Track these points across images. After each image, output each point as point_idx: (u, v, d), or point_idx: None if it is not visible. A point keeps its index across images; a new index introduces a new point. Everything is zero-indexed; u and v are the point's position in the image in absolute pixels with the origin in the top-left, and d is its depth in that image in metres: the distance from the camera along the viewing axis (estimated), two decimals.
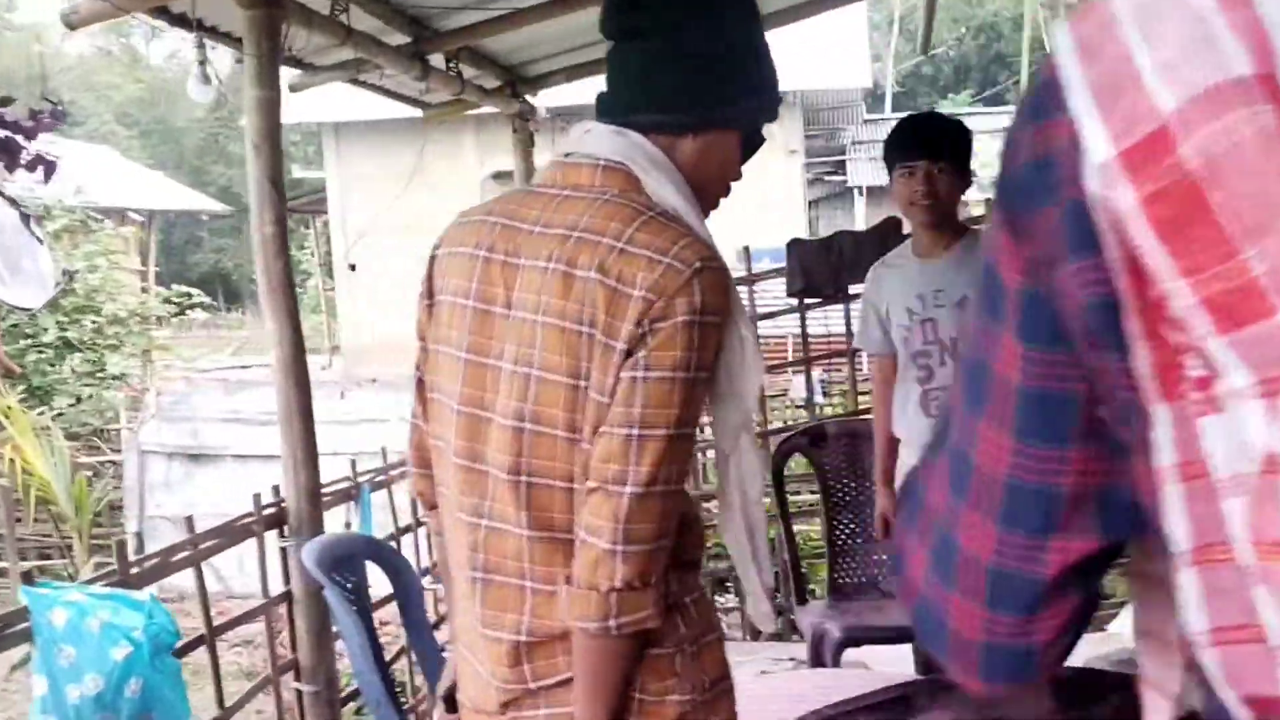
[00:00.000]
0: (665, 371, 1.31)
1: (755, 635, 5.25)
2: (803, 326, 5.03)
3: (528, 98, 5.05)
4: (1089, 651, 3.99)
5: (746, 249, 5.12)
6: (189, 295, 14.90)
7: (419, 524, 3.70)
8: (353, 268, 15.76)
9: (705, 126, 1.44)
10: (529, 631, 1.41)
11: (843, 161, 19.34)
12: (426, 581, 3.52)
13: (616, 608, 1.31)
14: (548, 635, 1.40)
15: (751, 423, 1.55)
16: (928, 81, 31.55)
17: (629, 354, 1.31)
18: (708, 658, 1.45)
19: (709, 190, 1.49)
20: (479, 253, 1.44)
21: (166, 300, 14.27)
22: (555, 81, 5.00)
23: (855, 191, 17.73)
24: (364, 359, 14.45)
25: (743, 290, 5.19)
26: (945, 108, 22.86)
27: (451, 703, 1.61)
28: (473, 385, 1.43)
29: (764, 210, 16.10)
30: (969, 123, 2.83)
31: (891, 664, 3.39)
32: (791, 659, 4.71)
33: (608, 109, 1.47)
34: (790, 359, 7.15)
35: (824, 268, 4.69)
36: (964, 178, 2.71)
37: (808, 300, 4.93)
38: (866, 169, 19.09)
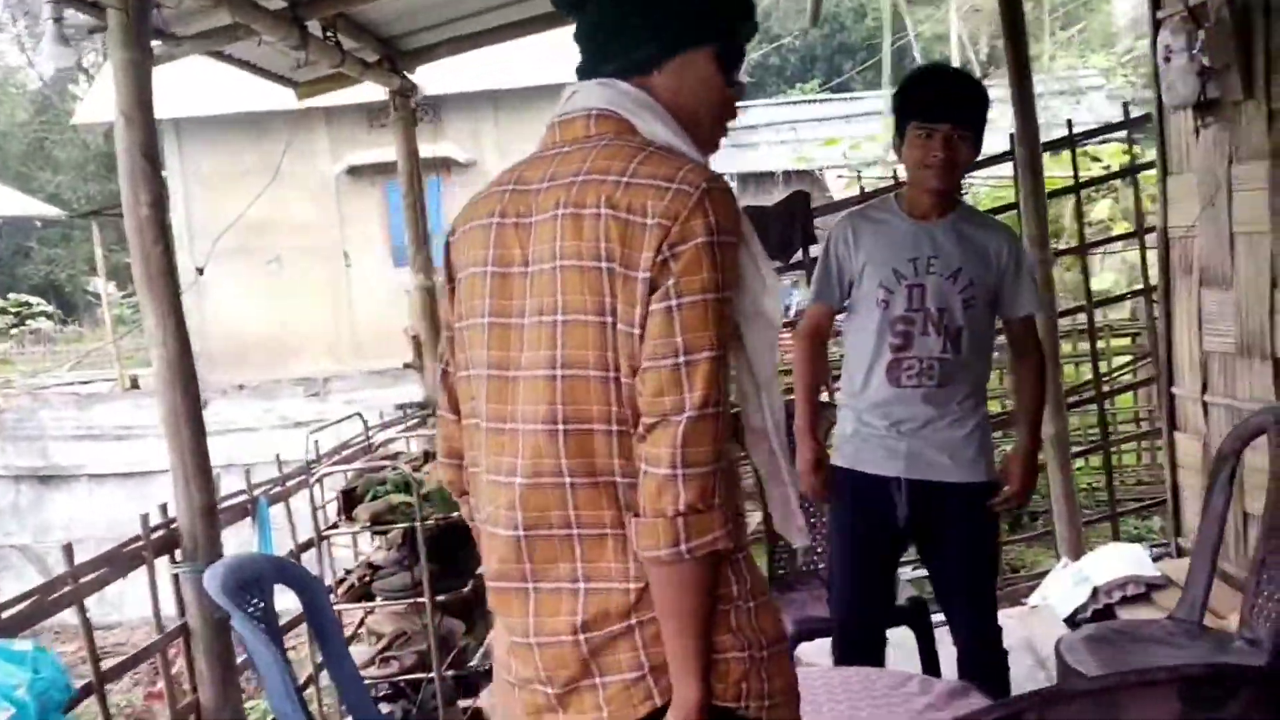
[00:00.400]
0: (696, 295, 1.32)
1: None
2: None
3: (408, 75, 4.70)
4: (1018, 630, 3.91)
5: None
6: (28, 305, 13.86)
7: (322, 537, 3.35)
8: (200, 271, 14.95)
9: (668, 53, 1.45)
10: (585, 577, 1.40)
11: None
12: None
13: (685, 531, 1.32)
14: (605, 583, 1.39)
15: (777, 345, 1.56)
16: (775, 71, 32.09)
17: (653, 285, 1.32)
18: (765, 616, 1.44)
19: (701, 121, 1.48)
20: (492, 221, 1.45)
21: (3, 310, 13.24)
22: (438, 55, 4.67)
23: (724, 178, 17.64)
24: (217, 366, 13.68)
25: None
26: (794, 96, 23.11)
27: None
28: (498, 348, 1.43)
29: None
30: (805, 112, 2.68)
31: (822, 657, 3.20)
32: None
33: (584, 72, 1.50)
34: None
35: (785, 230, 4.49)
36: (979, 145, 2.57)
37: None
38: (732, 154, 19.12)
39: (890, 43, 15.28)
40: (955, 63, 15.00)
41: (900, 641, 3.05)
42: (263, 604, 2.45)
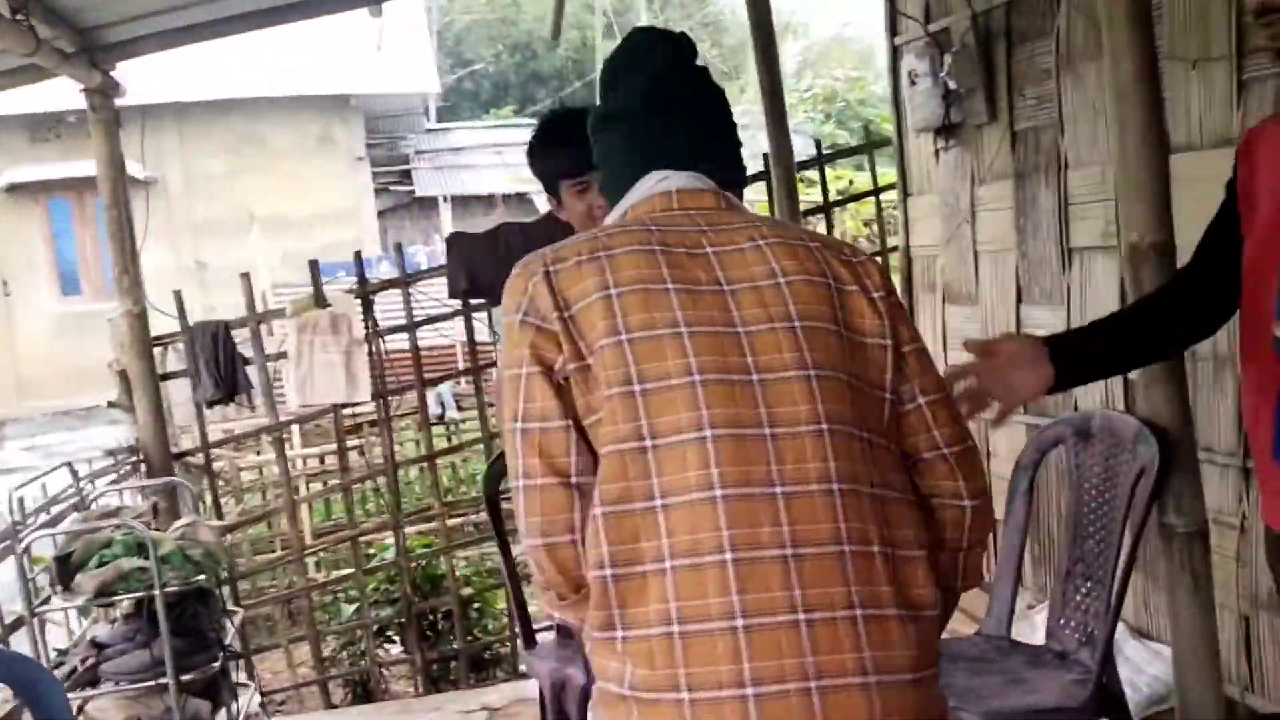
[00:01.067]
0: (918, 341, 1.44)
1: (432, 686, 4.66)
2: (469, 331, 4.50)
3: (110, 71, 4.10)
4: None
5: (314, 263, 4.55)
6: None
7: (34, 614, 2.76)
8: None
9: (741, 184, 1.62)
10: (862, 603, 1.27)
11: (408, 171, 18.74)
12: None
13: (966, 565, 1.44)
14: (877, 607, 1.28)
15: None
16: (469, 96, 32.02)
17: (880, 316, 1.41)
18: None
19: None
20: (665, 286, 1.36)
21: None
22: (146, 49, 4.11)
23: (440, 199, 17.19)
24: None
25: (396, 295, 4.59)
26: (489, 120, 22.98)
27: None
28: (712, 353, 1.33)
29: (333, 222, 15.23)
30: (509, 136, 2.53)
31: None
32: (484, 708, 4.19)
33: (678, 163, 1.53)
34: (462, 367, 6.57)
35: (489, 264, 4.20)
36: None
37: (473, 301, 4.42)
38: (433, 178, 18.65)
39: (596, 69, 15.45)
40: None
41: None
42: None
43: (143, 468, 4.14)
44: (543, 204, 14.89)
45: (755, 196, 6.35)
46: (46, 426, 8.72)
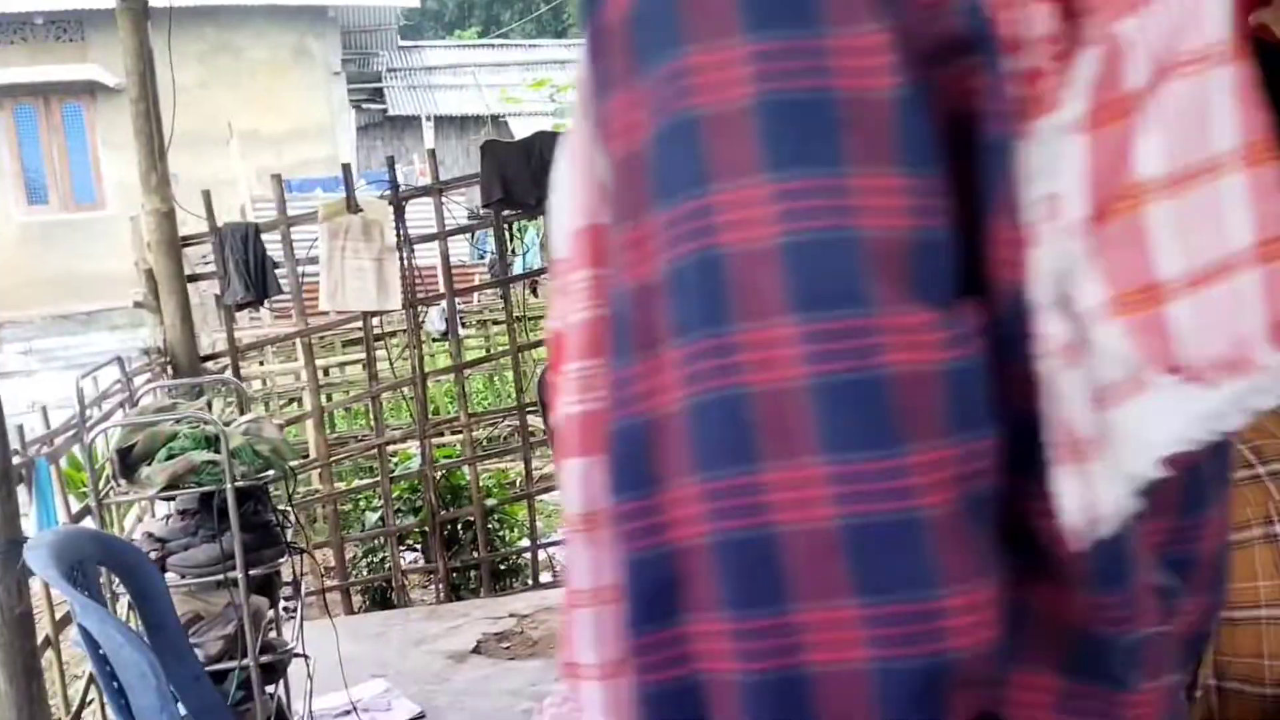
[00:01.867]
0: None
1: (453, 594, 4.69)
2: (499, 242, 4.45)
3: None
4: None
5: (278, 178, 4.48)
6: None
7: (102, 503, 2.72)
8: None
9: None
10: None
11: (380, 89, 18.39)
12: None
13: None
14: None
15: None
16: (433, 16, 31.41)
17: None
18: None
19: None
20: None
21: None
22: None
23: (423, 119, 16.88)
24: None
25: (426, 202, 4.52)
26: (451, 41, 22.53)
27: None
28: None
29: (309, 139, 14.92)
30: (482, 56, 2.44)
31: None
32: (511, 615, 4.22)
33: None
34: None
35: (524, 174, 4.14)
36: None
37: (506, 213, 4.37)
38: (406, 97, 18.34)
39: None
40: None
41: None
42: (88, 594, 1.93)
43: (169, 370, 4.07)
44: (520, 128, 14.59)
45: None
46: (44, 330, 8.53)
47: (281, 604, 3.24)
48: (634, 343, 0.54)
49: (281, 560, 2.93)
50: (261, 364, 6.79)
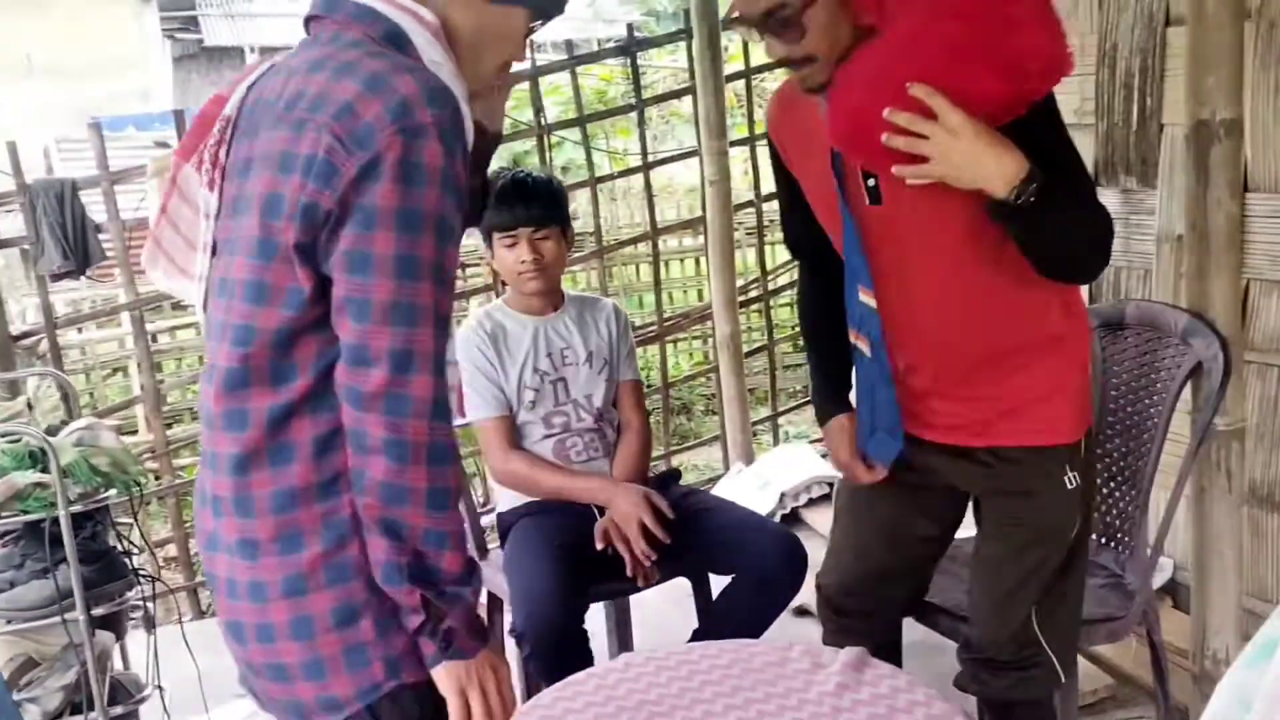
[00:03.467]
0: None
1: None
2: None
3: None
4: None
5: (97, 127, 3.98)
6: None
7: None
8: None
9: None
10: None
11: (194, 18, 17.09)
12: None
13: None
14: None
15: None
16: None
17: None
18: None
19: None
20: None
21: None
22: None
23: (246, 50, 15.74)
24: None
25: None
26: None
27: None
28: None
29: (117, 72, 13.76)
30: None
31: None
32: None
33: None
34: None
35: None
36: (567, 234, 2.69)
37: None
38: (225, 26, 17.12)
39: None
40: None
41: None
42: None
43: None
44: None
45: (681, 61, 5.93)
46: None
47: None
48: None
49: (130, 595, 2.47)
50: (80, 331, 6.06)
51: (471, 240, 2.54)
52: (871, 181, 1.82)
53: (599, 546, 2.49)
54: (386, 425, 1.28)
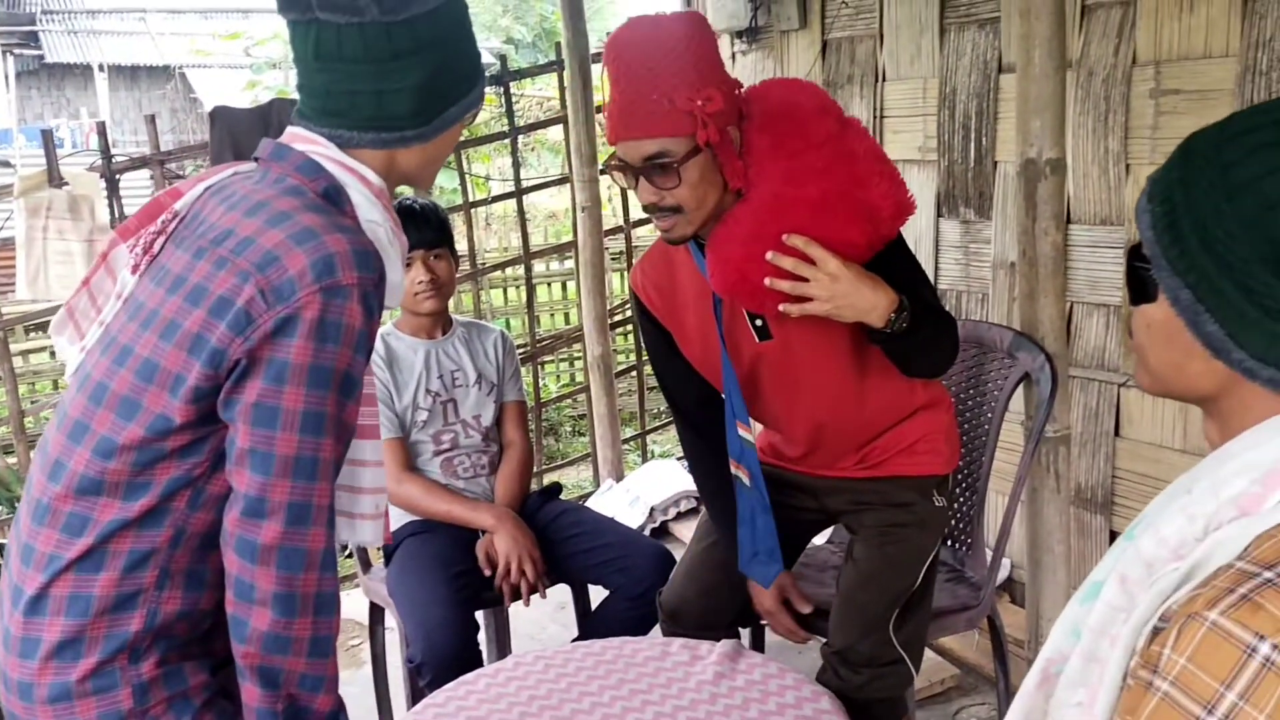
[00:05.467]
0: None
1: None
2: None
3: None
4: None
5: (48, 134, 3.93)
6: None
7: None
8: None
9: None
10: None
11: (35, 33, 16.42)
12: None
13: None
14: None
15: None
16: None
17: None
18: None
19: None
20: None
21: None
22: None
23: (96, 69, 15.15)
24: None
25: (145, 175, 3.98)
26: None
27: None
28: None
29: None
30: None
31: None
32: None
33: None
34: None
35: (258, 141, 3.71)
36: (454, 259, 2.80)
37: None
38: (68, 43, 16.51)
39: None
40: None
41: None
42: None
43: None
44: (207, 81, 13.33)
45: (547, 91, 6.04)
46: None
47: None
48: None
49: None
50: None
51: None
52: (760, 321, 2.10)
53: (485, 572, 2.61)
54: (278, 580, 1.29)
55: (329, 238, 1.29)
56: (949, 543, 2.63)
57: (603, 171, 4.46)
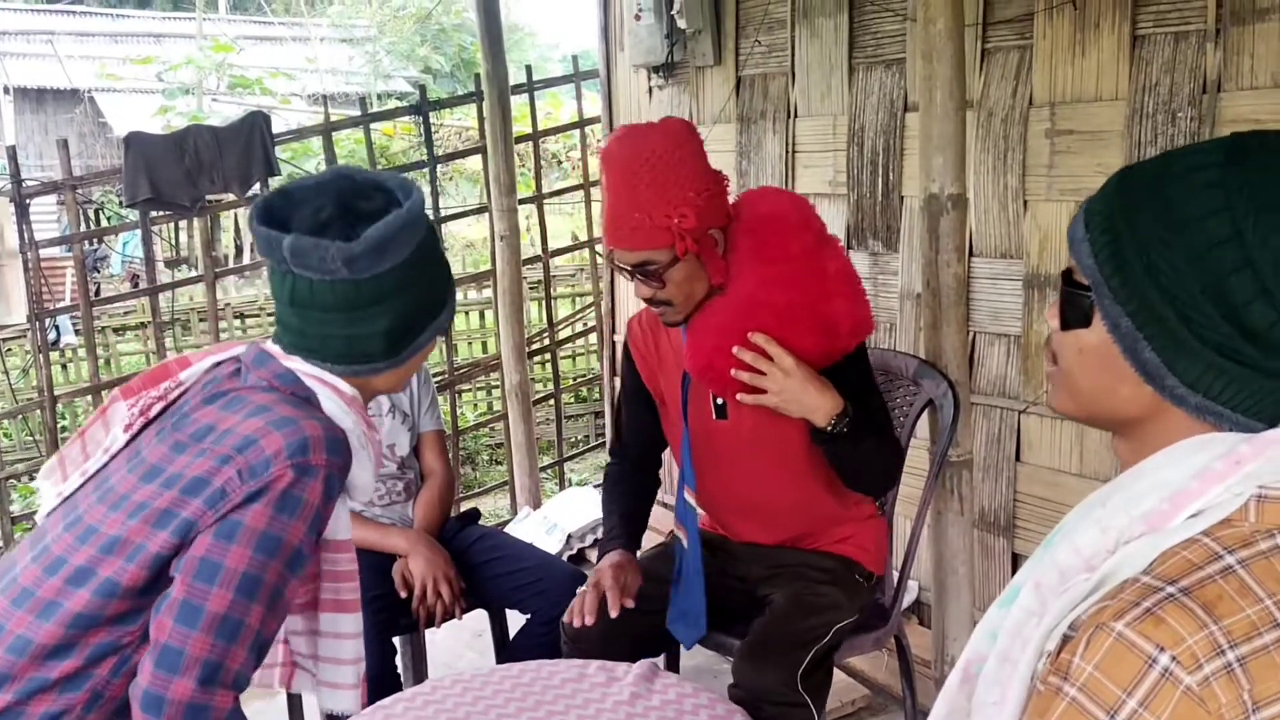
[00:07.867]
0: None
1: None
2: (146, 244, 3.93)
3: None
4: None
5: None
6: None
7: None
8: None
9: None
10: None
11: None
12: None
13: None
14: None
15: None
16: None
17: None
18: None
19: None
20: None
21: None
22: None
23: (1, 92, 14.72)
24: None
25: (54, 200, 3.91)
26: (21, 3, 20.13)
27: None
28: None
29: None
30: (60, 24, 2.44)
31: None
32: None
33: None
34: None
35: (176, 172, 3.69)
36: None
37: (154, 215, 3.86)
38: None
39: None
40: None
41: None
42: None
43: None
44: (117, 106, 13.08)
45: (466, 121, 6.06)
46: None
47: None
48: None
49: None
50: None
51: None
52: (720, 401, 2.27)
53: (402, 594, 2.61)
54: None
55: (305, 423, 1.40)
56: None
57: (521, 202, 4.52)
